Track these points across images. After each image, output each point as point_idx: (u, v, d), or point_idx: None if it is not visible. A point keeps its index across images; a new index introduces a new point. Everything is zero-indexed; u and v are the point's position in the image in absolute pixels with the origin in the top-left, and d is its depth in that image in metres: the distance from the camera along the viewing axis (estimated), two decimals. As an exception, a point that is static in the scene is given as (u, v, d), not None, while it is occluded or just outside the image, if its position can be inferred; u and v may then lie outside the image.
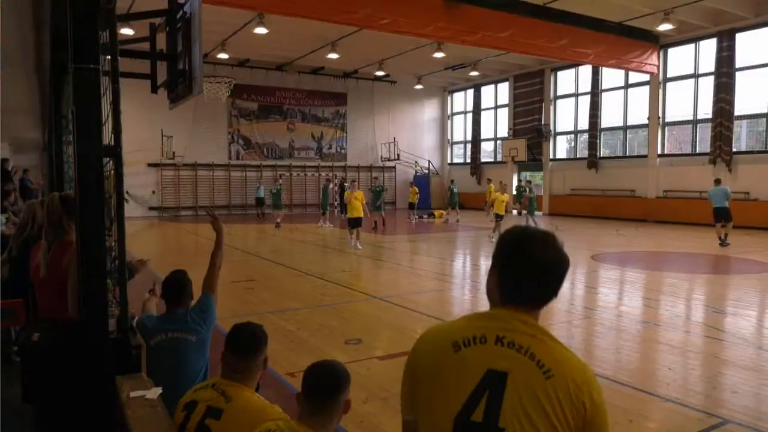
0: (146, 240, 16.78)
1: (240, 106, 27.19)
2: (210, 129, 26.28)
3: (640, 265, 11.62)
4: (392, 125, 31.16)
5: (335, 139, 29.96)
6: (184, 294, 3.26)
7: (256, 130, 27.72)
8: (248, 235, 17.96)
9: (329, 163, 29.60)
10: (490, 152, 31.51)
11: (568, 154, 26.69)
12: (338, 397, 2.02)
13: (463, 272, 11.19)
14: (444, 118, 33.15)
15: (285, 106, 28.43)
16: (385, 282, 9.48)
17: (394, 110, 31.28)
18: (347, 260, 11.84)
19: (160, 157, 24.71)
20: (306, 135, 29.14)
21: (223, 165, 26.82)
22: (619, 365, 5.25)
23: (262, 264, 11.65)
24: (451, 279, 10.01)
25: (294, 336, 6.13)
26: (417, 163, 31.56)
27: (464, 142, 32.63)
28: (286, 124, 28.53)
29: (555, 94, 26.47)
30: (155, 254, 13.50)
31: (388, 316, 7.10)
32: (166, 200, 25.60)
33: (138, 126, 22.57)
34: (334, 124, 29.92)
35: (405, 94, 31.07)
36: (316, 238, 16.40)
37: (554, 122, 26.55)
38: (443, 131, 33.24)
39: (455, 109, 33.16)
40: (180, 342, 3.05)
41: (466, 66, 26.20)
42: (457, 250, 14.39)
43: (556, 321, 6.92)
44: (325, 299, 8.08)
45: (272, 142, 28.21)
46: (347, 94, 29.85)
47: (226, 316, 6.89)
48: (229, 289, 8.84)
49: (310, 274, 10.20)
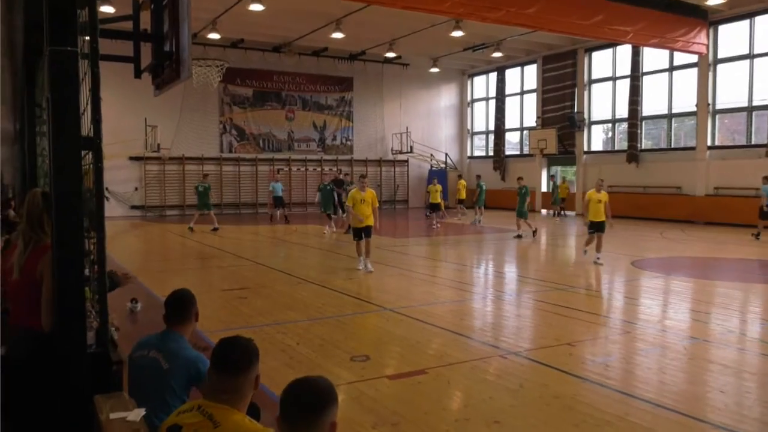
0: (128, 243, 16.91)
1: (233, 93, 27.35)
2: (199, 118, 26.46)
3: (687, 273, 11.52)
4: (404, 114, 31.17)
5: (340, 129, 30.02)
6: (183, 315, 3.22)
7: (251, 119, 27.86)
8: (242, 237, 18.03)
9: (333, 156, 29.68)
10: (515, 144, 31.41)
11: (605, 146, 26.53)
12: (322, 419, 1.93)
13: (485, 281, 11.15)
14: (463, 106, 33.10)
15: (283, 93, 28.55)
16: (397, 291, 9.47)
17: (407, 97, 31.29)
18: (353, 266, 11.86)
19: (143, 150, 24.91)
20: (307, 124, 29.23)
21: (213, 158, 26.98)
22: (664, 387, 5.22)
23: (257, 270, 11.68)
24: (471, 288, 9.98)
25: (293, 351, 6.14)
26: (432, 156, 31.55)
27: (486, 133, 32.55)
28: (285, 112, 28.65)
29: (589, 77, 26.34)
30: (138, 259, 13.60)
31: (400, 329, 7.09)
32: (150, 198, 25.79)
33: (119, 115, 22.77)
34: (339, 113, 29.99)
35: (419, 78, 31.07)
36: (317, 241, 16.43)
37: (588, 110, 26.42)
38: (462, 120, 33.19)
39: (476, 95, 33.09)
40: (152, 362, 3.07)
41: (487, 46, 26.14)
42: (478, 255, 14.35)
43: (591, 337, 6.88)
44: (327, 310, 8.09)
45: (269, 133, 28.33)
46: (353, 79, 29.91)
47: (216, 329, 6.92)
48: (220, 298, 8.86)
49: (310, 281, 10.22)
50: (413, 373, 5.48)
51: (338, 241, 16.52)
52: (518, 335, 6.93)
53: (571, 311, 8.00)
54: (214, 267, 12.19)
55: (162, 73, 4.00)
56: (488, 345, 6.44)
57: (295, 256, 13.78)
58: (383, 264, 12.21)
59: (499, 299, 9.04)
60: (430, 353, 6.22)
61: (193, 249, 15.45)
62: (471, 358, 6.01)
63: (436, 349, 6.37)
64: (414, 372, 5.50)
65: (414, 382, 5.26)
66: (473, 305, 8.75)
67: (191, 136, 26.35)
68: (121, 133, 23.21)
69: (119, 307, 7.68)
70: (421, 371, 5.53)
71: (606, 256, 13.15)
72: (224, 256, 13.66)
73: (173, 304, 3.23)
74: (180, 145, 26.12)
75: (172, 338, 3.14)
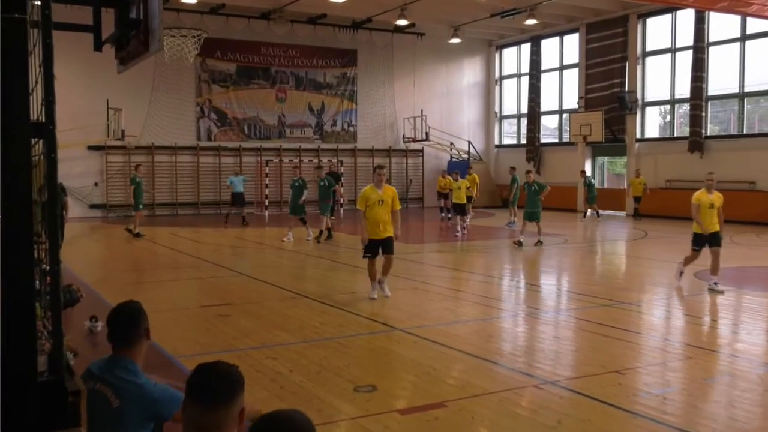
0: (87, 249, 17.02)
1: (212, 69, 27.50)
2: (172, 100, 26.63)
3: (763, 286, 11.42)
4: (419, 94, 31.20)
5: (341, 113, 30.10)
6: (130, 334, 3.15)
7: (234, 100, 28.00)
8: (223, 243, 18.09)
9: (333, 144, 29.76)
10: (552, 130, 31.32)
11: (662, 133, 26.42)
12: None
13: (516, 295, 11.14)
14: (490, 84, 33.07)
15: (273, 68, 28.67)
16: (409, 308, 9.46)
17: (422, 73, 31.32)
18: (356, 277, 11.87)
19: (105, 138, 25.08)
20: (301, 107, 29.33)
21: (189, 148, 27.15)
22: (734, 424, 5.18)
23: (241, 282, 11.70)
24: (499, 304, 9.97)
25: (285, 380, 6.15)
26: (453, 145, 31.56)
27: (517, 116, 32.47)
28: (275, 92, 28.77)
29: (643, 49, 26.24)
30: (99, 269, 13.67)
31: (413, 353, 7.09)
32: (113, 195, 25.97)
33: (76, 96, 22.95)
34: (340, 92, 30.06)
35: (436, 50, 31.10)
36: (314, 247, 16.46)
37: (642, 88, 26.33)
38: (489, 102, 33.15)
39: (505, 70, 33.03)
40: (100, 398, 3.03)
41: (519, 12, 26.09)
42: (508, 265, 14.33)
43: (644, 363, 6.85)
44: (326, 330, 8.10)
45: (256, 117, 28.46)
46: (357, 52, 30.00)
47: (193, 353, 6.94)
48: (197, 317, 8.89)
49: (306, 295, 10.24)
50: (429, 406, 5.47)
51: (330, 247, 16.52)
52: (556, 361, 6.90)
53: (619, 332, 7.96)
54: (191, 278, 12.22)
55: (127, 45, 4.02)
56: (520, 373, 6.42)
57: (288, 266, 13.81)
58: (393, 275, 12.15)
59: (532, 317, 9.01)
60: (449, 383, 6.21)
61: (165, 257, 15.50)
62: (499, 388, 5.98)
63: (457, 378, 6.36)
64: (430, 405, 5.49)
65: (430, 418, 5.25)
66: (501, 325, 8.72)
67: (162, 120, 26.51)
68: (79, 117, 23.41)
69: (76, 326, 7.70)
70: (438, 404, 5.52)
71: (663, 266, 13.08)
72: (202, 265, 13.67)
73: (117, 322, 3.14)
74: (149, 131, 26.29)
75: (119, 365, 3.06)
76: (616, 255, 16.60)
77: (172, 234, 19.97)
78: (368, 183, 10.50)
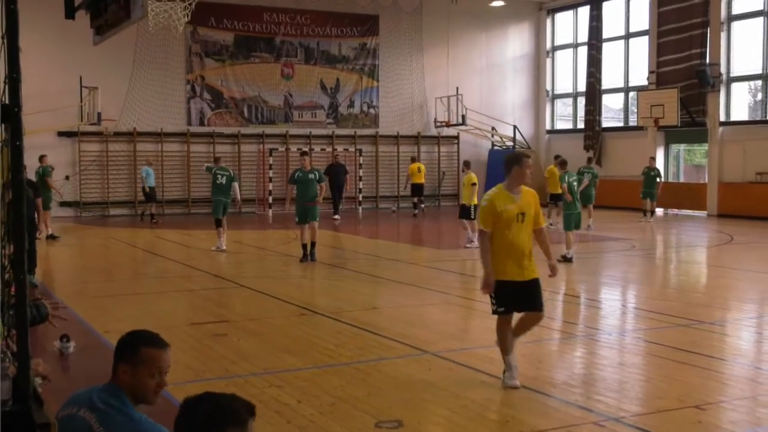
0: (58, 256, 17.18)
1: (205, 39, 27.66)
2: (158, 76, 26.82)
3: None
4: (453, 68, 31.11)
5: (360, 92, 30.12)
6: (124, 356, 3.23)
7: (232, 77, 28.14)
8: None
9: (350, 130, 29.77)
10: (617, 111, 31.05)
11: (752, 114, 26.11)
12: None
13: (573, 312, 11.07)
14: (539, 56, 32.87)
15: (277, 39, 28.76)
16: (442, 326, 9.44)
17: (457, 43, 31.23)
18: (378, 289, 11.83)
19: (77, 122, 25.34)
20: (312, 85, 29.40)
21: (178, 134, 27.33)
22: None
23: (240, 295, 11.72)
24: (551, 324, 9.87)
25: (292, 413, 6.16)
26: (495, 131, 31.44)
27: (574, 96, 32.25)
28: (280, 66, 28.86)
29: (728, 13, 25.94)
30: (72, 279, 13.81)
31: (447, 382, 7.07)
32: (88, 190, 26.26)
33: (44, 72, 23.15)
34: (359, 67, 30.08)
35: (475, 16, 31.00)
36: (327, 253, 16.48)
37: (728, 61, 26.02)
38: (538, 78, 32.95)
39: (559, 40, 32.81)
40: (81, 424, 3.07)
41: (576, -32, 25.91)
42: (565, 276, 14.13)
43: (730, 396, 6.77)
44: (342, 353, 8.10)
45: (257, 97, 28.58)
46: (379, 18, 30.01)
47: (183, 380, 6.98)
48: (188, 336, 8.93)
49: (317, 311, 10.25)
50: (466, 446, 5.46)
51: (347, 254, 16.49)
52: (621, 393, 6.85)
53: (699, 358, 7.87)
54: (180, 290, 12.28)
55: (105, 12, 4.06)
56: (577, 406, 6.38)
57: (295, 276, 13.84)
58: (422, 287, 12.16)
59: (592, 340, 8.94)
60: (491, 418, 6.19)
61: (149, 264, 15.60)
62: (551, 425, 5.95)
63: (500, 412, 6.33)
64: (467, 445, 5.48)
65: (467, 460, 5.23)
66: (554, 348, 8.67)
67: (146, 102, 26.74)
68: (46, 97, 23.58)
69: (45, 347, 7.78)
70: (477, 444, 5.50)
71: (752, 277, 12.90)
72: (194, 275, 13.73)
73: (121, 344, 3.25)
74: (130, 115, 26.52)
75: (113, 395, 3.14)
76: (694, 264, 16.42)
77: (157, 237, 20.13)
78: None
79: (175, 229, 22.11)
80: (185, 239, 19.85)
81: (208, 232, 20.76)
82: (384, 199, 29.81)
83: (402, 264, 15.49)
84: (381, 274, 13.71)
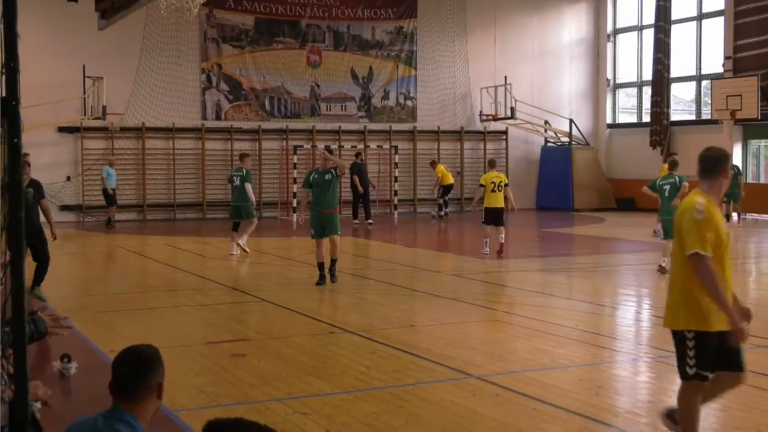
0: (58, 266, 17.29)
1: (222, 23, 27.85)
2: (170, 65, 27.07)
3: None
4: (501, 55, 31.03)
5: (395, 81, 30.15)
6: (139, 386, 3.28)
7: (252, 65, 28.30)
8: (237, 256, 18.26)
9: (384, 125, 29.79)
10: (687, 103, 30.73)
11: None
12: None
13: (638, 331, 10.93)
14: (599, 41, 32.67)
15: (303, 22, 28.87)
16: (488, 346, 9.39)
17: (505, 26, 31.16)
18: (415, 304, 11.78)
19: (80, 116, 25.61)
20: (341, 74, 29.46)
21: (191, 129, 27.56)
22: None
23: (261, 310, 11.75)
24: (613, 344, 9.81)
25: (319, 444, 6.17)
26: (548, 125, 31.29)
27: (638, 85, 32.00)
28: (306, 53, 28.97)
29: (817, -12, 25.55)
30: (73, 292, 13.93)
31: (494, 410, 7.03)
32: (91, 193, 26.43)
33: (44, 61, 23.44)
34: (394, 54, 30.08)
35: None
36: (358, 263, 16.44)
37: (816, 43, 25.62)
38: (598, 65, 32.74)
39: (621, 22, 32.57)
40: None
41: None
42: (629, 290, 14.09)
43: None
44: (375, 376, 8.07)
45: (280, 88, 28.72)
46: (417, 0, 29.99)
47: (198, 405, 7.02)
48: (202, 356, 8.97)
49: (347, 329, 10.23)
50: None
51: (379, 264, 16.43)
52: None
53: (785, 385, 7.76)
54: (193, 305, 12.34)
55: (112, -7, 4.11)
56: (643, 439, 6.32)
57: (323, 289, 13.81)
58: (464, 302, 12.11)
59: (660, 362, 8.76)
60: (544, 451, 6.15)
61: (160, 276, 15.68)
62: (613, 460, 5.90)
63: (554, 445, 6.29)
64: (517, 482, 5.45)
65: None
66: (617, 372, 8.59)
67: (156, 93, 26.98)
68: (46, 89, 23.82)
69: (44, 368, 7.86)
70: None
71: None
72: (209, 287, 13.77)
73: (126, 368, 3.29)
74: (138, 108, 26.77)
75: (120, 420, 3.17)
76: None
77: (168, 245, 20.25)
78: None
79: (188, 236, 22.28)
80: (200, 248, 19.98)
81: (224, 239, 20.86)
82: (422, 202, 29.77)
83: (442, 276, 15.48)
84: (419, 287, 13.68)
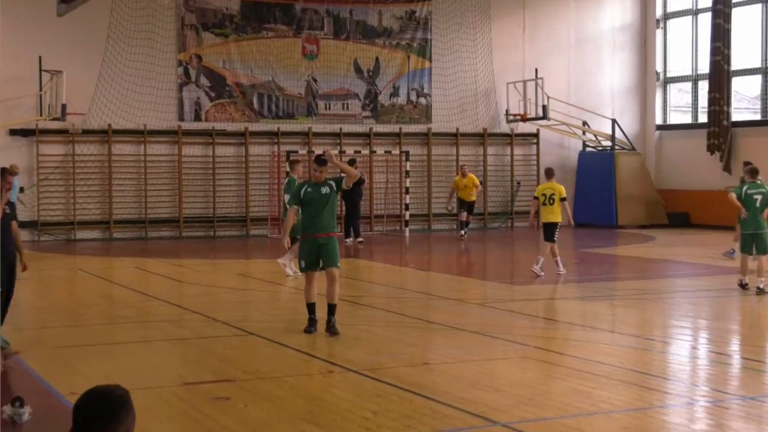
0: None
1: (203, 7, 27.96)
2: (141, 57, 27.06)
3: None
4: (531, 45, 31.16)
5: (406, 75, 30.16)
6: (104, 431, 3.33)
7: (237, 56, 28.38)
8: (218, 282, 18.27)
9: (393, 126, 29.80)
10: (752, 100, 30.73)
11: None
12: None
13: (693, 371, 10.89)
14: (647, 28, 32.77)
15: (298, 5, 28.97)
16: (518, 388, 9.32)
17: (536, 11, 31.30)
18: (429, 338, 11.70)
19: (35, 116, 25.62)
20: (343, 66, 29.53)
21: (166, 132, 27.62)
22: None
23: (248, 345, 11.75)
24: (664, 386, 9.74)
25: None
26: (587, 126, 31.30)
27: (693, 79, 32.00)
28: (301, 42, 29.04)
29: None
30: (28, 323, 13.85)
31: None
32: (49, 207, 26.49)
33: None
34: (405, 43, 30.15)
35: (557, -23, 31.12)
36: (362, 290, 16.38)
37: None
38: (645, 56, 32.78)
39: (673, 5, 32.63)
40: None
41: None
42: (684, 322, 14.14)
43: None
44: (383, 423, 7.98)
45: (270, 83, 28.80)
46: (432, -19, 30.13)
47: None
48: (180, 400, 8.91)
49: (350, 368, 10.20)
50: None
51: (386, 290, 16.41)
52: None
53: None
54: (169, 339, 12.31)
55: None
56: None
57: (320, 320, 13.70)
58: (487, 335, 12.11)
59: (720, 407, 8.75)
60: None
61: (129, 305, 15.62)
62: None
63: None
64: None
65: None
66: (669, 418, 8.51)
67: (125, 90, 26.99)
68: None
69: None
70: None
71: None
72: (187, 319, 13.75)
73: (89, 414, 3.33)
74: (103, 107, 26.77)
75: None
76: None
77: (138, 268, 20.30)
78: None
79: (162, 257, 22.29)
80: (176, 271, 19.99)
81: (203, 262, 20.88)
82: (438, 218, 29.76)
83: (462, 305, 15.43)
84: (434, 318, 13.66)
